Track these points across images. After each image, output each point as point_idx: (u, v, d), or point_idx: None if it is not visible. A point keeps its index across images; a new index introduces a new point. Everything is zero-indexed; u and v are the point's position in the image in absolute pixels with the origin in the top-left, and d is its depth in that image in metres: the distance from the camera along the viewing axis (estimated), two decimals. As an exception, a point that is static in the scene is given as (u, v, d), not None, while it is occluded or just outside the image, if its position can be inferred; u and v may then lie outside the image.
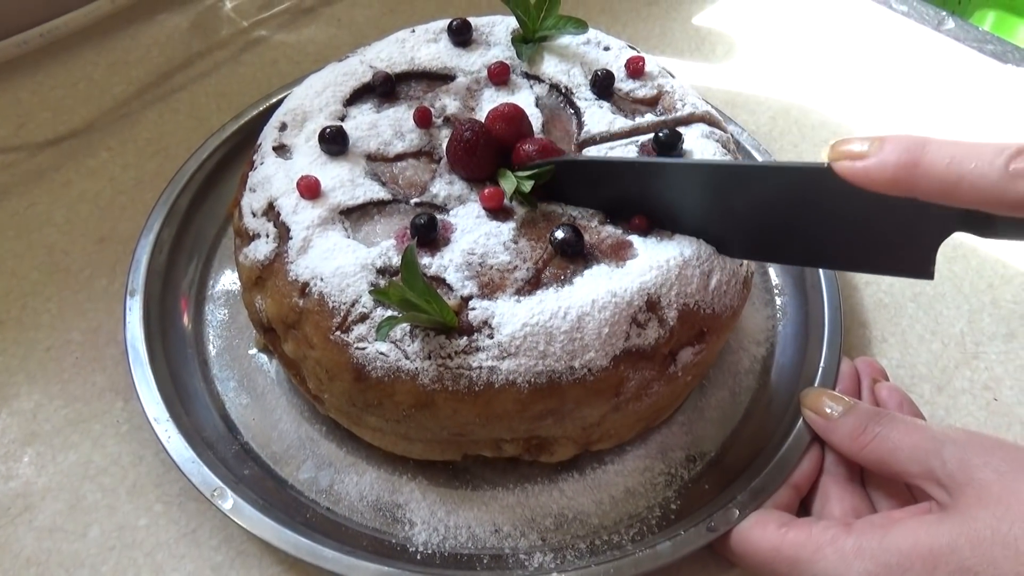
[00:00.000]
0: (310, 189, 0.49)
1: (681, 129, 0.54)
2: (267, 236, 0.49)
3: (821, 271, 0.59)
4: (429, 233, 0.47)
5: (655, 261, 0.46)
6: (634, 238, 0.48)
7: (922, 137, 0.36)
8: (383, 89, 0.57)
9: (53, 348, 0.58)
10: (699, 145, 0.53)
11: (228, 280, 0.62)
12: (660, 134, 0.52)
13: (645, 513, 0.51)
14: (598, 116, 0.55)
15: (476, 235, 0.47)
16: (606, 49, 0.60)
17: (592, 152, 0.53)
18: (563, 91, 0.57)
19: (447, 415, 0.45)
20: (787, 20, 0.85)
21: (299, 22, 0.83)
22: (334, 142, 0.52)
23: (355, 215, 0.50)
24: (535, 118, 0.54)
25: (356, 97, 0.57)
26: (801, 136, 0.74)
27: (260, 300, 0.49)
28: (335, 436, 0.54)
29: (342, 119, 0.55)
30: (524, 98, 0.56)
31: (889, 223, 0.41)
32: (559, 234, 0.47)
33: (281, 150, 0.54)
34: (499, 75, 0.57)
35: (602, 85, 0.56)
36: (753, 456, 0.51)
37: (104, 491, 0.52)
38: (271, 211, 0.50)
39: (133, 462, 0.53)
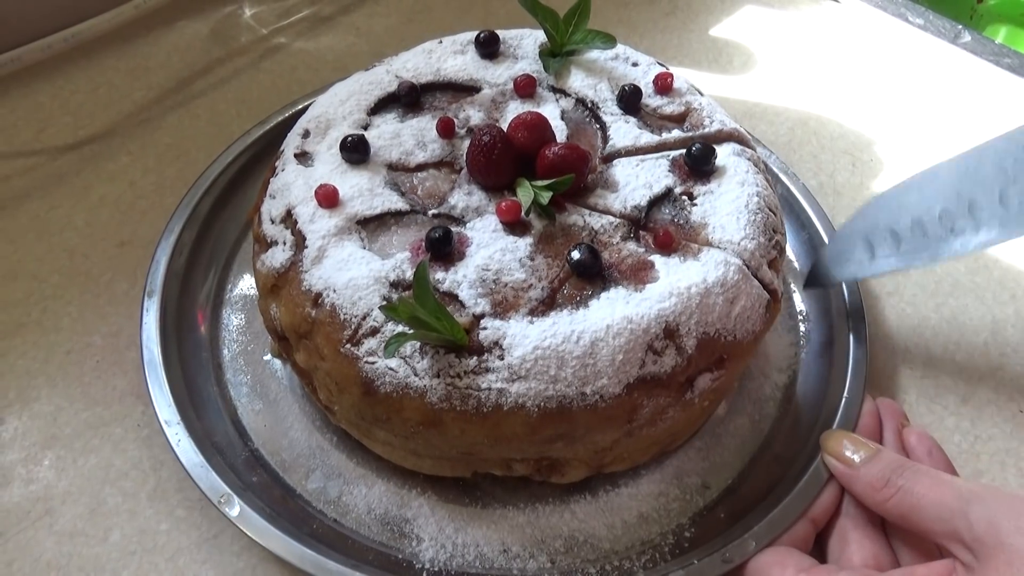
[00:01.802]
0: (328, 198, 0.49)
1: (708, 132, 0.53)
2: (284, 244, 0.49)
3: (847, 297, 0.57)
4: (444, 247, 0.46)
5: (676, 287, 0.45)
6: (656, 258, 0.47)
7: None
8: (408, 99, 0.57)
9: (74, 351, 0.58)
10: (731, 163, 0.52)
11: (246, 285, 0.62)
12: (693, 148, 0.51)
13: (658, 540, 0.50)
14: (624, 131, 0.54)
15: (492, 250, 0.47)
16: (634, 65, 0.59)
17: (622, 165, 0.53)
18: (589, 105, 0.57)
19: (455, 434, 0.44)
20: (804, 32, 0.86)
21: (318, 30, 0.84)
22: (355, 151, 0.52)
23: (372, 225, 0.49)
24: (559, 131, 0.54)
25: (381, 106, 0.57)
26: (820, 147, 0.74)
27: (275, 308, 0.49)
28: (345, 446, 0.53)
29: (365, 128, 0.55)
30: (549, 111, 0.56)
31: None
32: (575, 255, 0.46)
33: (303, 157, 0.54)
34: (525, 87, 0.57)
35: (629, 100, 0.56)
36: (771, 486, 0.50)
37: (125, 495, 0.52)
38: (289, 219, 0.50)
39: (154, 466, 0.53)
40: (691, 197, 0.51)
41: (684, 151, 0.52)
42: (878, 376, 0.57)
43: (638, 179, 0.52)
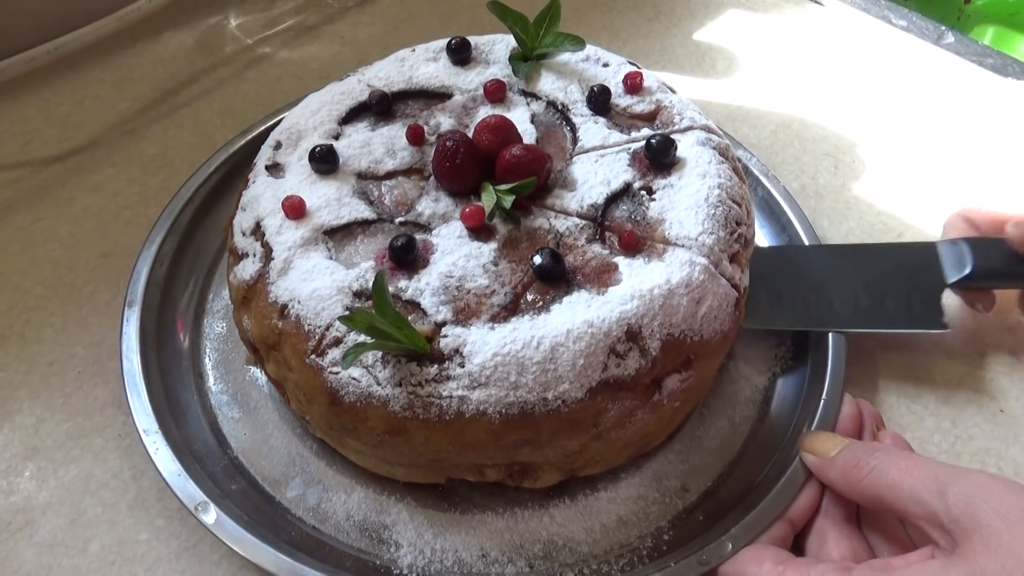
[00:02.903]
0: (294, 209, 0.49)
1: (676, 136, 0.53)
2: (254, 256, 0.50)
3: None
4: (406, 255, 0.46)
5: (639, 289, 0.45)
6: (620, 260, 0.47)
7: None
8: (379, 108, 0.57)
9: (56, 362, 0.58)
10: (694, 153, 0.52)
11: (228, 294, 0.62)
12: (652, 141, 0.51)
13: (637, 543, 0.49)
14: (593, 131, 0.54)
15: (456, 257, 0.47)
16: (605, 65, 0.59)
17: (582, 161, 0.53)
18: (559, 108, 0.57)
19: (420, 442, 0.44)
20: (787, 35, 0.86)
21: (302, 39, 0.84)
22: (324, 161, 0.52)
23: (339, 235, 0.49)
24: (529, 134, 0.54)
25: (352, 116, 0.57)
26: (803, 149, 0.74)
27: (246, 320, 0.50)
28: (325, 453, 0.54)
29: (336, 137, 0.55)
30: (519, 115, 0.56)
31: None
32: (537, 260, 0.46)
33: (274, 169, 0.54)
34: (495, 92, 0.57)
35: (598, 101, 0.56)
36: (749, 488, 0.50)
37: (105, 505, 0.52)
38: (258, 230, 0.50)
39: (134, 476, 0.53)
40: (650, 192, 0.50)
41: (643, 143, 0.52)
42: (858, 377, 0.57)
43: (596, 176, 0.51)
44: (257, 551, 0.46)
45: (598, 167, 0.52)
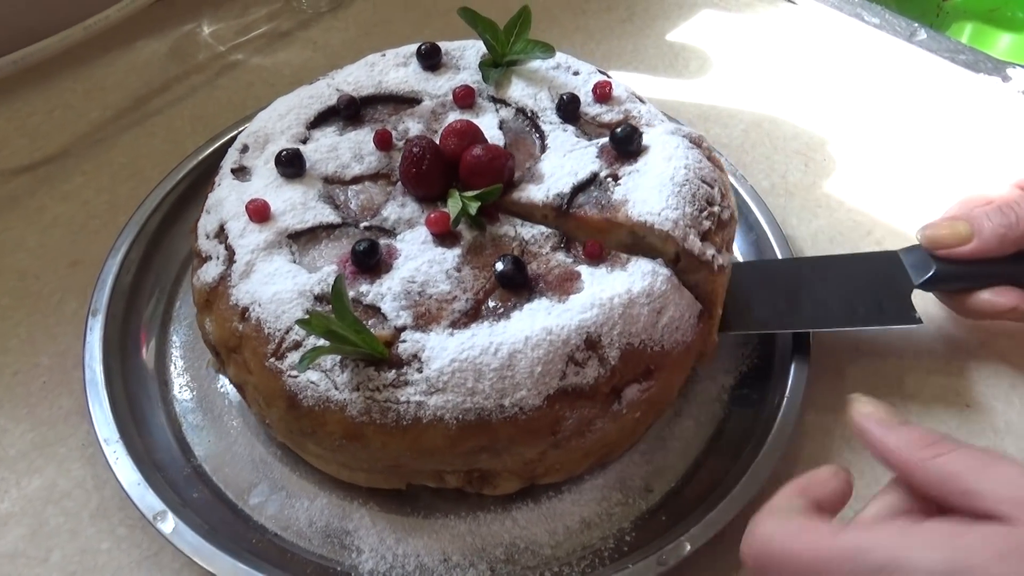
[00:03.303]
0: (258, 212, 0.49)
1: (644, 129, 0.53)
2: (217, 258, 0.49)
3: None
4: (369, 259, 0.46)
5: (599, 298, 0.45)
6: (583, 268, 0.47)
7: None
8: (347, 112, 0.57)
9: (21, 372, 0.58)
10: (662, 140, 0.51)
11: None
12: (616, 130, 0.51)
13: (599, 544, 0.49)
14: (562, 139, 0.54)
15: (419, 262, 0.47)
16: (575, 73, 0.59)
17: (549, 159, 0.53)
18: (529, 115, 0.57)
19: (377, 447, 0.44)
20: (760, 34, 0.86)
21: (275, 46, 0.84)
22: (290, 165, 0.52)
23: (304, 239, 0.49)
24: (497, 139, 0.54)
25: (321, 120, 0.57)
26: (773, 148, 0.74)
27: (208, 323, 0.49)
28: (289, 460, 0.53)
29: (304, 142, 0.55)
30: (488, 121, 0.56)
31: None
32: (499, 266, 0.46)
33: (241, 172, 0.54)
34: (464, 98, 0.57)
35: (567, 109, 0.56)
36: (713, 488, 0.50)
37: (67, 515, 0.52)
38: (222, 233, 0.50)
39: (97, 485, 0.53)
40: (616, 178, 0.50)
41: (609, 137, 0.51)
42: (824, 376, 0.57)
43: (563, 168, 0.51)
44: (215, 560, 0.46)
45: (565, 160, 0.52)
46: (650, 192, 0.49)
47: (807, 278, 0.58)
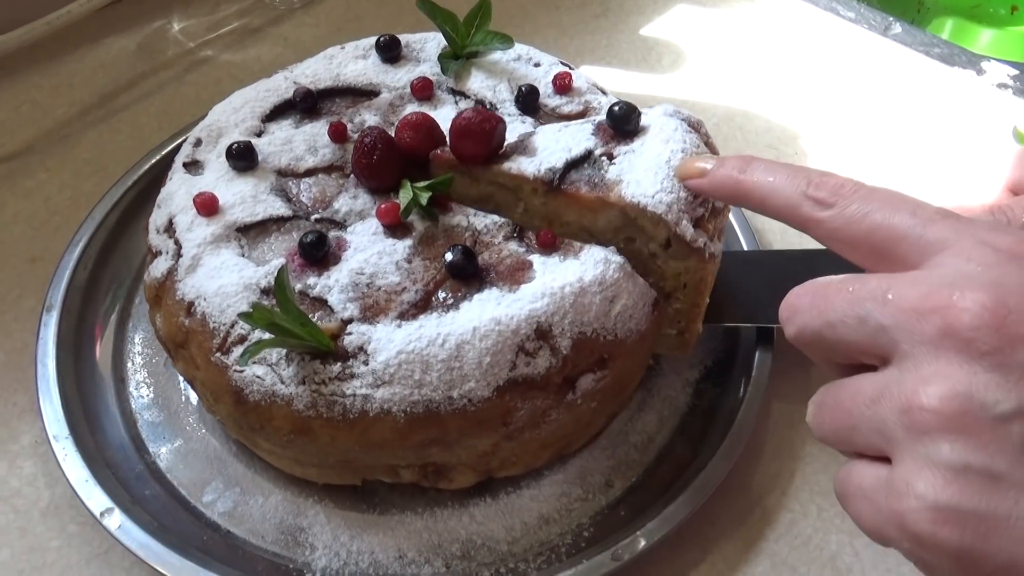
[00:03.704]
0: (206, 206, 0.48)
1: (644, 109, 0.51)
2: (167, 253, 0.49)
3: None
4: (316, 252, 0.45)
5: (549, 287, 0.44)
6: (535, 258, 0.46)
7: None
8: (304, 105, 0.56)
9: (-25, 369, 0.57)
10: (660, 121, 0.49)
11: (148, 295, 0.61)
12: (615, 108, 0.49)
13: (557, 540, 0.49)
14: (520, 131, 0.53)
15: (368, 254, 0.46)
16: (536, 65, 0.59)
17: (543, 133, 0.51)
18: (487, 107, 0.56)
19: (326, 442, 0.43)
20: (735, 28, 0.85)
21: (246, 42, 0.83)
22: (241, 158, 0.51)
23: (253, 232, 0.49)
24: (455, 132, 0.53)
25: (277, 113, 0.57)
26: (746, 142, 0.73)
27: (158, 319, 0.49)
28: (244, 456, 0.52)
29: (259, 135, 0.55)
30: (446, 113, 0.55)
31: None
32: (449, 256, 0.45)
33: (193, 166, 0.53)
34: (422, 90, 0.56)
35: (526, 101, 0.55)
36: (672, 482, 0.49)
37: (17, 512, 0.51)
38: (170, 228, 0.49)
39: (49, 483, 0.52)
40: (611, 157, 0.49)
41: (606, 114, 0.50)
42: (789, 369, 0.56)
43: (558, 143, 0.50)
44: (162, 557, 0.45)
45: (560, 135, 0.50)
46: (645, 174, 0.47)
47: (794, 271, 0.56)
